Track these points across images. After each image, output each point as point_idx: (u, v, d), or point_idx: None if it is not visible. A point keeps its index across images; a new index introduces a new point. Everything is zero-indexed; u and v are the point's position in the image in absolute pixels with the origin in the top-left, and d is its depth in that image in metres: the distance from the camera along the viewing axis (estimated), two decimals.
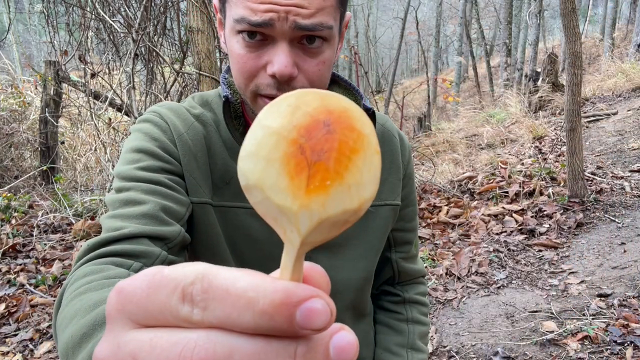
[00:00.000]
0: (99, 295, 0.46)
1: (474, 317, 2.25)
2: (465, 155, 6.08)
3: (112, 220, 0.61)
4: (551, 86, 7.54)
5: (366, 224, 0.81)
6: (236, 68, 0.64)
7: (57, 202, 3.73)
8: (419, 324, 0.92)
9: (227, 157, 0.71)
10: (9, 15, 5.34)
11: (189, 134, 0.69)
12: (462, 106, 11.38)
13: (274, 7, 0.57)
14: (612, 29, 12.78)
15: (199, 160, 0.69)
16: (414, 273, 0.94)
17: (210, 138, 0.71)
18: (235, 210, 0.71)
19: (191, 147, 0.68)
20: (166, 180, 0.65)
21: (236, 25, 0.60)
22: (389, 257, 0.90)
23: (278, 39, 0.60)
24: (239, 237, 0.72)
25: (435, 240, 3.28)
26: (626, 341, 1.88)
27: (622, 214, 3.25)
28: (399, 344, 0.89)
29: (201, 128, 0.70)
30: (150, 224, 0.60)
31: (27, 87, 6.39)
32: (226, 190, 0.71)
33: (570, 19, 3.22)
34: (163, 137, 0.67)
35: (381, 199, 0.81)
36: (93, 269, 0.53)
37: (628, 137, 5.07)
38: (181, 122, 0.69)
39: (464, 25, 14.38)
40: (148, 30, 3.32)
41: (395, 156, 0.82)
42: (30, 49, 24.41)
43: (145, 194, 0.62)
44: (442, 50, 24.85)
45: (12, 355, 2.07)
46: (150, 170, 0.64)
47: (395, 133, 0.85)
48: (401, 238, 0.89)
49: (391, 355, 0.87)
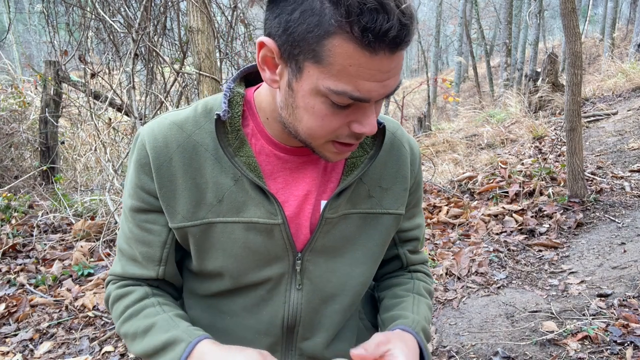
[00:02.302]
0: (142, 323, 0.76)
1: (474, 317, 2.25)
2: (465, 155, 6.08)
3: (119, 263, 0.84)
4: (551, 86, 7.54)
5: (367, 230, 0.81)
6: (315, 123, 0.65)
7: (57, 202, 3.73)
8: (424, 281, 0.93)
9: (218, 174, 0.74)
10: (9, 15, 5.33)
11: (174, 160, 0.74)
12: (462, 106, 11.39)
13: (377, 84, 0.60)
14: (612, 29, 12.78)
15: (183, 185, 0.74)
16: (420, 261, 0.96)
17: (200, 158, 0.74)
18: (232, 226, 0.75)
19: (173, 172, 0.74)
20: (146, 225, 0.78)
21: (331, 94, 0.61)
22: (395, 252, 0.92)
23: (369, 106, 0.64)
24: (237, 249, 0.76)
25: (435, 240, 3.28)
26: (626, 341, 1.88)
27: (622, 214, 3.25)
28: (405, 289, 0.90)
29: (190, 149, 0.74)
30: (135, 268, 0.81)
31: (27, 87, 6.39)
32: (220, 207, 0.75)
33: (570, 19, 3.22)
34: (142, 174, 0.75)
35: (384, 207, 0.81)
36: (124, 289, 0.82)
37: (628, 137, 5.07)
38: (166, 151, 0.74)
39: (464, 25, 14.38)
40: (148, 30, 3.32)
41: (402, 166, 0.83)
42: (30, 49, 24.42)
43: (133, 243, 0.80)
44: (442, 50, 24.85)
45: (12, 355, 2.07)
46: (137, 211, 0.78)
47: (406, 143, 0.85)
48: (406, 236, 0.91)
49: (398, 299, 0.88)
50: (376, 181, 0.81)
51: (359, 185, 0.79)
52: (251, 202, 0.74)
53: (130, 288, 0.80)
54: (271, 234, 0.76)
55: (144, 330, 0.74)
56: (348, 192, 0.78)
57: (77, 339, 2.19)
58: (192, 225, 0.75)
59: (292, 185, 0.77)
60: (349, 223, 0.79)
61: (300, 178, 0.77)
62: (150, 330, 0.73)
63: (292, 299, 0.80)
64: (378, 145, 0.78)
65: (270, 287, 0.79)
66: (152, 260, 0.79)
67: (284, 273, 0.79)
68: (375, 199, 0.81)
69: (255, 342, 0.81)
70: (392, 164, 0.82)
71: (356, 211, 0.79)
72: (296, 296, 0.80)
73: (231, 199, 0.74)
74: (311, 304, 0.81)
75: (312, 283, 0.80)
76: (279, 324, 0.80)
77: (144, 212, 0.78)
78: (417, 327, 0.79)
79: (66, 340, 2.19)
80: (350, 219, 0.79)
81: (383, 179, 0.81)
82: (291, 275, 0.79)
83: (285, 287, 0.79)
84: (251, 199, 0.74)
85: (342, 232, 0.79)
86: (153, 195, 0.76)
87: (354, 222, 0.80)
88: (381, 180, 0.81)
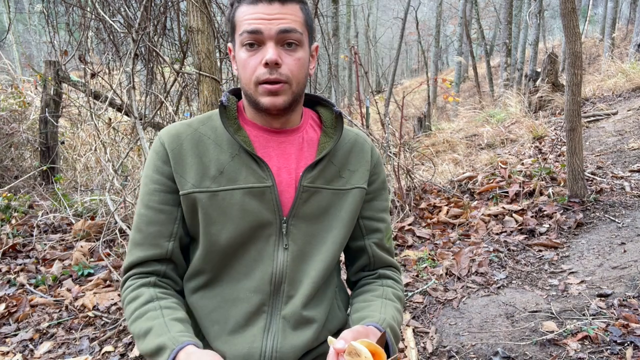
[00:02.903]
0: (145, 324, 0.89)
1: (474, 317, 2.25)
2: (465, 155, 6.08)
3: (132, 248, 0.99)
4: (551, 86, 7.54)
5: (338, 203, 1.01)
6: (243, 69, 0.92)
7: (57, 202, 3.73)
8: (393, 288, 1.07)
9: (219, 153, 0.96)
10: (9, 15, 5.33)
11: (184, 144, 0.96)
12: (462, 106, 11.39)
13: (262, 21, 0.88)
14: (612, 29, 12.77)
15: (192, 161, 0.95)
16: (388, 262, 1.11)
17: (204, 144, 0.97)
18: (232, 192, 0.94)
19: (183, 153, 0.96)
20: (159, 207, 0.96)
21: (240, 39, 0.91)
22: (362, 244, 1.08)
23: (267, 42, 0.90)
24: (235, 211, 0.94)
25: (435, 240, 3.28)
26: (626, 341, 1.88)
27: (622, 214, 3.25)
28: (375, 295, 1.04)
29: (197, 137, 0.97)
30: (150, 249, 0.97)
31: (27, 87, 6.39)
32: (222, 177, 0.94)
33: (570, 19, 3.22)
34: (158, 160, 0.97)
35: (352, 184, 1.02)
36: (135, 292, 0.95)
37: (628, 137, 5.07)
38: (178, 139, 0.97)
39: (464, 25, 14.38)
40: (148, 30, 3.32)
41: (364, 154, 1.06)
42: (30, 49, 24.41)
43: (145, 227, 0.97)
44: (442, 50, 24.85)
45: (12, 355, 2.07)
46: (152, 194, 0.97)
47: (368, 143, 1.09)
48: (370, 225, 1.08)
49: (367, 303, 1.01)
50: (345, 165, 1.03)
51: (330, 165, 1.00)
52: (246, 171, 0.94)
53: (140, 290, 0.95)
54: (263, 197, 0.94)
55: (144, 333, 0.87)
56: (320, 165, 0.98)
57: (77, 339, 2.19)
58: (199, 192, 0.93)
59: (276, 159, 0.98)
60: (324, 196, 0.99)
61: (281, 154, 0.99)
62: (148, 334, 0.86)
63: (280, 257, 0.96)
64: (339, 130, 1.02)
65: (261, 247, 0.96)
66: (163, 236, 0.96)
67: (272, 234, 0.96)
68: (345, 179, 1.02)
69: (247, 301, 0.96)
70: (357, 153, 1.05)
71: (329, 187, 0.99)
72: (282, 255, 0.96)
73: (229, 171, 0.94)
74: (295, 261, 0.97)
75: (295, 244, 0.97)
76: (268, 280, 0.95)
77: (158, 193, 0.96)
78: (384, 323, 0.92)
79: (66, 340, 2.19)
80: (324, 193, 0.99)
81: (350, 162, 1.04)
82: (278, 236, 0.96)
83: (273, 248, 0.96)
84: (246, 168, 0.94)
85: (318, 202, 0.99)
86: (167, 177, 0.96)
87: (327, 196, 1.00)
88: (348, 164, 1.03)
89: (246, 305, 0.95)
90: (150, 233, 0.96)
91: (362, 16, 24.14)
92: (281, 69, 0.90)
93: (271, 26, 0.88)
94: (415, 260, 2.93)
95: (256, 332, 0.94)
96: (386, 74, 22.83)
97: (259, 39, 0.89)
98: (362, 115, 4.65)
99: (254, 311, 0.95)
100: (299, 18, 0.91)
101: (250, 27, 0.88)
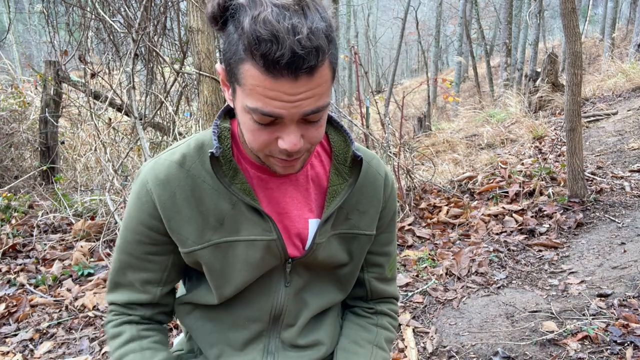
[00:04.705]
0: None
1: (474, 317, 2.25)
2: (465, 155, 6.08)
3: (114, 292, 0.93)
4: (551, 86, 7.54)
5: (345, 244, 0.93)
6: (249, 137, 0.74)
7: (57, 202, 3.73)
8: (387, 330, 1.02)
9: (217, 200, 0.83)
10: (9, 15, 5.34)
11: (177, 195, 0.82)
12: (462, 106, 11.39)
13: (285, 104, 0.67)
14: (612, 29, 12.78)
15: (188, 213, 0.83)
16: (387, 294, 1.04)
17: (200, 189, 0.83)
18: (234, 244, 0.85)
19: (177, 205, 0.82)
20: (147, 257, 0.87)
21: (250, 112, 0.69)
22: (361, 277, 1.01)
23: (287, 122, 0.70)
24: (239, 264, 0.86)
25: (435, 240, 3.28)
26: (626, 341, 1.88)
27: (622, 214, 3.25)
28: (366, 339, 0.98)
29: (190, 182, 0.82)
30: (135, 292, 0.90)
31: (27, 87, 6.39)
32: (222, 228, 0.84)
33: (570, 19, 3.22)
34: (143, 212, 0.83)
35: (360, 229, 0.92)
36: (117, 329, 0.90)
37: (628, 137, 5.07)
38: (169, 187, 0.82)
39: (464, 25, 14.38)
40: (148, 30, 3.32)
41: (376, 192, 0.92)
42: (30, 49, 24.41)
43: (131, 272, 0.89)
44: (442, 50, 24.85)
45: (12, 355, 2.07)
46: (138, 244, 0.86)
47: (382, 171, 0.94)
48: (372, 260, 1.00)
49: (357, 347, 0.97)
50: (354, 205, 0.90)
51: (339, 211, 0.89)
52: (248, 223, 0.84)
53: (122, 328, 0.90)
54: (268, 249, 0.86)
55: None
56: (332, 217, 0.88)
57: (77, 339, 2.19)
58: (201, 248, 0.84)
59: (279, 203, 0.87)
60: (330, 242, 0.90)
61: (282, 195, 0.87)
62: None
63: (281, 293, 0.91)
64: (356, 174, 0.87)
65: (262, 283, 0.90)
66: (151, 282, 0.89)
67: (275, 274, 0.90)
68: (353, 221, 0.91)
69: (245, 327, 0.93)
70: (368, 190, 0.91)
71: (335, 232, 0.90)
72: (284, 291, 0.91)
73: (231, 221, 0.84)
74: (296, 296, 0.93)
75: (297, 282, 0.92)
76: (268, 311, 0.92)
77: (144, 245, 0.86)
78: None
79: (66, 340, 2.19)
80: (331, 239, 0.90)
81: (360, 203, 0.91)
82: (282, 275, 0.91)
83: (276, 285, 0.91)
84: (248, 220, 0.84)
85: (324, 249, 0.90)
86: (156, 232, 0.85)
87: (334, 241, 0.91)
88: (358, 205, 0.91)
89: (245, 332, 0.93)
90: (136, 279, 0.89)
91: (362, 16, 24.15)
92: (301, 148, 0.74)
93: (294, 110, 0.68)
94: (415, 260, 2.93)
95: (256, 355, 0.93)
96: (386, 74, 22.83)
97: (276, 121, 0.70)
98: (362, 115, 4.65)
99: (253, 337, 0.93)
100: (327, 82, 0.69)
101: (267, 110, 0.67)
